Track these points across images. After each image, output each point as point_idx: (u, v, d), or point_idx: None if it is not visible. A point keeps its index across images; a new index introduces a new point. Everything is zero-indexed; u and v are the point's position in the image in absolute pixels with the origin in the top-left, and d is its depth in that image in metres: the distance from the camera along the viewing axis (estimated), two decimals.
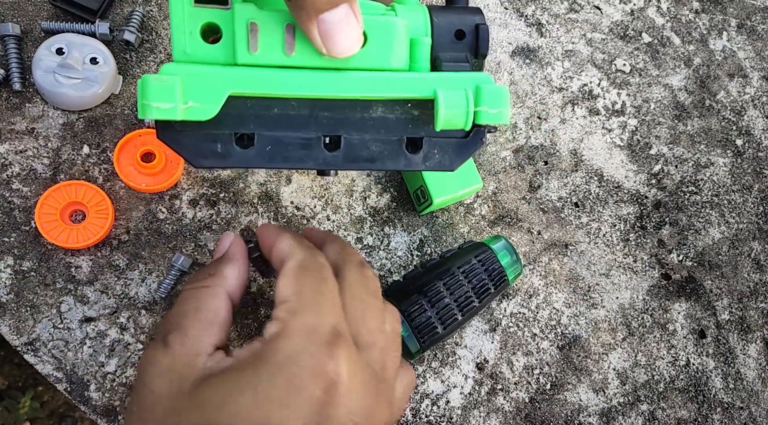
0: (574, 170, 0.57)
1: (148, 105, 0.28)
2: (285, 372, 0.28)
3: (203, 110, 0.30)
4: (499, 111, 0.32)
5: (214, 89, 0.30)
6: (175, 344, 0.31)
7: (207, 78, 0.30)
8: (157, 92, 0.28)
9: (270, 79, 0.31)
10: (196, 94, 0.29)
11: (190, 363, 0.30)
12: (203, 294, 0.33)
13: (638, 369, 0.54)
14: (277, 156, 0.32)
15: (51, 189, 0.46)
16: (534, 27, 0.59)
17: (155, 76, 0.28)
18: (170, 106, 0.28)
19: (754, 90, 0.63)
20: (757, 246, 0.59)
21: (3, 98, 0.48)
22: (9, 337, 0.45)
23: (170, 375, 0.29)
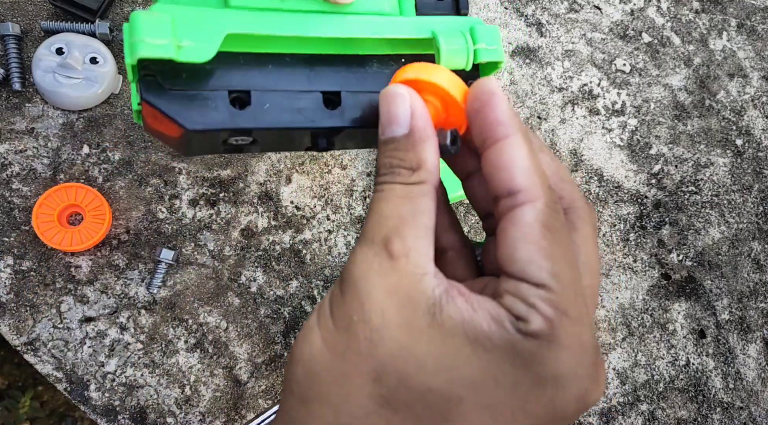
0: (574, 169, 0.57)
1: (140, 41, 0.25)
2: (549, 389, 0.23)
3: (200, 50, 0.27)
4: (496, 48, 0.31)
5: (210, 29, 0.27)
6: (401, 256, 0.24)
7: (201, 18, 0.27)
8: (150, 27, 0.25)
9: (265, 19, 0.29)
10: (191, 33, 0.27)
11: (418, 285, 0.24)
12: (416, 193, 0.26)
13: (638, 369, 0.54)
14: (275, 117, 0.29)
15: (50, 191, 0.46)
16: (534, 27, 0.59)
17: (145, 12, 0.26)
18: (165, 42, 0.25)
19: (754, 90, 0.63)
20: (757, 246, 0.59)
21: (3, 98, 0.48)
22: (9, 337, 0.45)
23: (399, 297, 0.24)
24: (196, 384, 0.47)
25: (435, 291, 0.24)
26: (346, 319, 0.24)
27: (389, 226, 0.25)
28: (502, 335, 0.23)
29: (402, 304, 0.24)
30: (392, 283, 0.24)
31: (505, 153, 0.25)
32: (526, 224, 0.24)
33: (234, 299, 0.49)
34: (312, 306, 0.50)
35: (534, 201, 0.24)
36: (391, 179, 0.26)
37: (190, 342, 0.47)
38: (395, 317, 0.24)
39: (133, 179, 0.49)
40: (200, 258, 0.49)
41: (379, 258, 0.25)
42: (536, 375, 0.23)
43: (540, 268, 0.24)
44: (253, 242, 0.50)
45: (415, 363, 0.23)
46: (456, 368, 0.23)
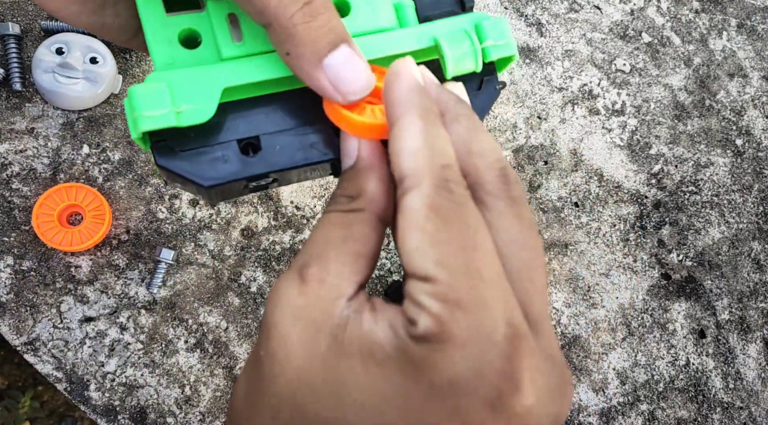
0: (574, 169, 0.57)
1: (140, 116, 0.26)
2: (448, 399, 0.20)
3: (200, 112, 0.27)
4: (506, 42, 0.30)
5: (207, 87, 0.28)
6: (313, 280, 0.23)
7: (196, 78, 0.28)
8: (148, 100, 0.26)
9: (261, 64, 0.29)
10: (188, 96, 0.27)
11: (327, 309, 0.22)
12: (350, 220, 0.25)
13: (638, 369, 0.54)
14: (288, 157, 0.29)
15: (50, 191, 0.46)
16: (534, 27, 0.59)
17: (141, 85, 0.26)
18: (164, 111, 0.26)
19: (754, 90, 0.63)
20: (757, 246, 0.59)
21: (3, 98, 0.48)
22: (9, 337, 0.45)
23: (304, 322, 0.22)
24: (196, 384, 0.47)
25: (343, 312, 0.22)
26: (255, 355, 0.23)
27: (311, 252, 0.24)
28: (394, 342, 0.21)
29: (306, 330, 0.22)
30: (299, 307, 0.23)
31: (395, 137, 0.24)
32: (410, 210, 0.22)
33: (234, 299, 0.49)
34: None
35: (419, 185, 0.22)
36: (331, 207, 0.26)
37: (190, 342, 0.47)
38: (298, 345, 0.22)
39: (133, 178, 0.49)
40: (200, 258, 0.49)
41: (292, 283, 0.23)
42: (430, 384, 0.20)
43: (425, 257, 0.21)
44: (253, 242, 0.50)
45: (310, 392, 0.21)
46: (345, 390, 0.21)
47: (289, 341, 0.22)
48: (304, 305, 0.23)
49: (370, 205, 0.25)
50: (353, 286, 0.23)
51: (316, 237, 0.25)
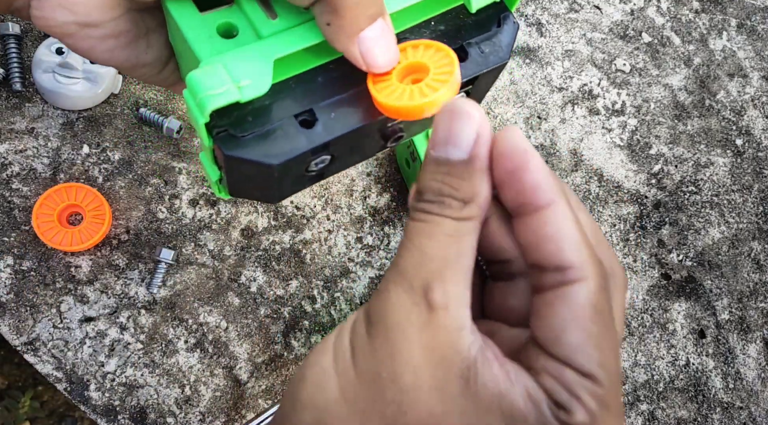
0: (574, 169, 0.57)
1: (206, 96, 0.27)
2: None
3: (258, 85, 0.28)
4: None
5: (259, 61, 0.28)
6: (440, 308, 0.22)
7: (246, 56, 0.28)
8: (209, 80, 0.27)
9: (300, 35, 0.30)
10: (244, 73, 0.28)
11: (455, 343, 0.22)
12: (463, 231, 0.23)
13: (638, 369, 0.54)
14: (345, 122, 0.29)
15: (50, 191, 0.46)
16: (534, 27, 0.59)
17: (197, 70, 0.27)
18: (227, 87, 0.27)
19: (754, 90, 0.63)
20: (757, 246, 0.59)
21: (3, 98, 0.48)
22: (9, 337, 0.45)
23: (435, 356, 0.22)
24: (196, 384, 0.47)
25: (470, 351, 0.22)
26: (372, 372, 0.22)
27: (431, 269, 0.23)
28: (539, 419, 0.21)
29: (436, 364, 0.22)
30: (428, 339, 0.22)
31: (550, 224, 0.23)
32: (577, 306, 0.22)
33: (234, 299, 0.49)
34: (312, 306, 0.50)
35: (585, 280, 0.22)
36: (439, 210, 0.23)
37: (190, 342, 0.47)
38: (429, 379, 0.22)
39: (133, 178, 0.49)
40: (200, 258, 0.49)
41: (419, 309, 0.22)
42: None
43: (589, 357, 0.22)
44: (253, 242, 0.50)
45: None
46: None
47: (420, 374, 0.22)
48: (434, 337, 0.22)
49: (481, 214, 0.24)
50: (469, 313, 0.23)
51: (431, 250, 0.23)
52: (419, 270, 0.23)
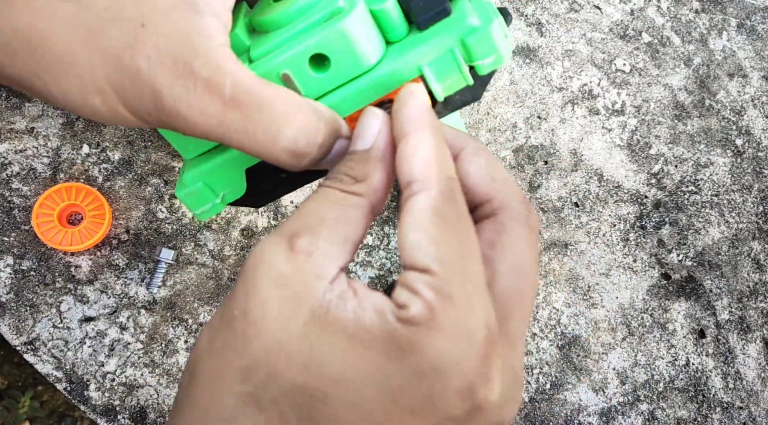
0: (574, 169, 0.57)
1: (196, 214, 0.33)
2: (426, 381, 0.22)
3: (234, 192, 0.33)
4: (496, 57, 0.29)
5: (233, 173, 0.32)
6: (302, 252, 0.24)
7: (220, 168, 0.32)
8: (194, 203, 0.32)
9: None
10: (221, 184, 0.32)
11: (310, 284, 0.23)
12: (349, 202, 0.26)
13: (638, 369, 0.54)
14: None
15: (49, 191, 0.46)
16: (534, 26, 0.59)
17: (185, 193, 0.32)
18: (210, 205, 0.32)
19: (754, 90, 0.63)
20: (757, 246, 0.59)
21: (3, 97, 0.48)
22: (9, 337, 0.45)
23: (285, 291, 0.23)
24: None
25: (326, 295, 0.23)
26: (229, 312, 0.24)
27: (304, 223, 0.25)
28: (382, 325, 0.22)
29: (287, 299, 0.23)
30: (282, 274, 0.23)
31: (408, 146, 0.25)
32: (416, 210, 0.24)
33: None
34: None
35: (428, 190, 0.24)
36: (331, 183, 0.26)
37: (190, 342, 0.47)
38: (276, 310, 0.23)
39: (133, 178, 0.49)
40: (200, 258, 0.49)
41: (279, 248, 0.24)
42: (411, 366, 0.22)
43: (425, 253, 0.23)
44: (254, 241, 0.50)
45: (286, 359, 0.22)
46: (326, 364, 0.22)
47: (268, 306, 0.23)
48: (288, 274, 0.23)
49: (370, 193, 0.26)
50: (336, 269, 0.24)
51: (311, 209, 0.25)
52: (293, 221, 0.25)
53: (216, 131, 0.26)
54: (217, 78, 0.25)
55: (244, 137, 0.26)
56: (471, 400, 0.22)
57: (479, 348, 0.23)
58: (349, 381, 0.22)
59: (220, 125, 0.26)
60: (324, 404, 0.22)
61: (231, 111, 0.26)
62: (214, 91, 0.25)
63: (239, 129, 0.26)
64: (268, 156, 0.27)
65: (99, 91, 0.26)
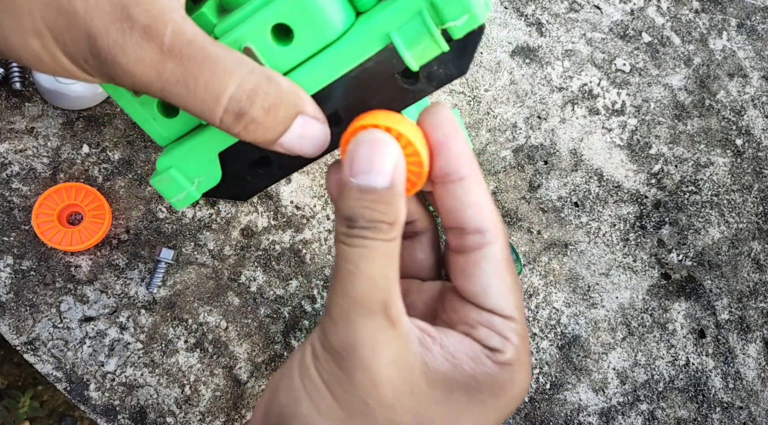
0: (574, 169, 0.57)
1: (172, 202, 0.32)
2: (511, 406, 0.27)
3: (210, 178, 0.31)
4: (469, 16, 0.26)
5: (206, 157, 0.31)
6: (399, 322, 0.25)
7: (194, 151, 0.31)
8: (168, 191, 0.31)
9: None
10: (196, 170, 0.31)
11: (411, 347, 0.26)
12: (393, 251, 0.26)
13: (638, 369, 0.54)
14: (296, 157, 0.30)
15: (49, 190, 0.46)
16: (534, 26, 0.59)
17: (157, 179, 0.31)
18: (184, 193, 0.31)
19: (754, 90, 0.63)
20: (757, 246, 0.59)
21: (3, 97, 0.48)
22: (9, 336, 0.45)
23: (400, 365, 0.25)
24: (196, 384, 0.47)
25: (418, 348, 0.26)
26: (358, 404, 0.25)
27: (383, 289, 0.25)
28: (484, 371, 0.26)
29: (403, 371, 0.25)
30: (396, 353, 0.25)
31: (472, 192, 0.27)
32: (497, 262, 0.27)
33: (234, 298, 0.49)
34: (312, 306, 0.50)
35: (499, 240, 0.27)
36: (373, 234, 0.26)
37: (189, 342, 0.47)
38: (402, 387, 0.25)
39: (133, 178, 0.49)
40: (200, 258, 0.49)
41: (384, 330, 0.25)
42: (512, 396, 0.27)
43: (509, 303, 0.27)
44: (253, 241, 0.50)
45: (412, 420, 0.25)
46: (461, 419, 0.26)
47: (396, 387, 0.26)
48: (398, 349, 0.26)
49: (401, 232, 0.27)
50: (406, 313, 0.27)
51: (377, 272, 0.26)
52: (374, 294, 0.25)
53: (155, 84, 0.25)
54: (156, 25, 0.24)
55: (184, 91, 0.25)
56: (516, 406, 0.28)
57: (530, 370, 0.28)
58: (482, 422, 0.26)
59: (158, 76, 0.24)
60: None
61: (170, 61, 0.24)
62: (151, 38, 0.24)
63: (179, 81, 0.24)
64: (211, 116, 0.26)
65: (37, 34, 0.24)
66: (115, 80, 0.25)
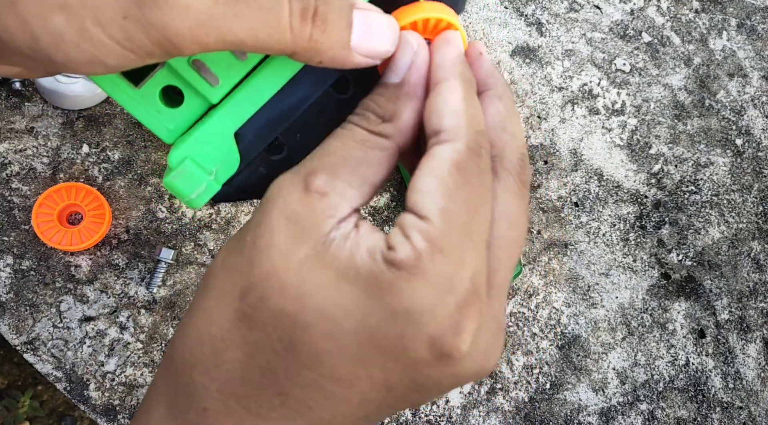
0: (574, 169, 0.57)
1: (190, 200, 0.29)
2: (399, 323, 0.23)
3: (229, 165, 0.29)
4: None
5: (221, 141, 0.29)
6: (317, 192, 0.24)
7: (207, 138, 0.29)
8: (186, 186, 0.29)
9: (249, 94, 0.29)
10: (212, 159, 0.29)
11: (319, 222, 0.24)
12: (374, 143, 0.25)
13: (638, 369, 0.54)
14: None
15: (49, 190, 0.46)
16: (534, 26, 0.59)
17: (173, 176, 0.28)
18: (203, 186, 0.29)
19: (754, 90, 0.63)
20: (757, 246, 0.59)
21: (3, 97, 0.48)
22: (8, 336, 0.45)
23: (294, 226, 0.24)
24: None
25: (331, 233, 0.24)
26: (242, 237, 0.25)
27: (324, 162, 0.25)
28: (368, 265, 0.23)
29: (294, 233, 0.24)
30: (294, 212, 0.24)
31: (439, 96, 0.25)
32: (437, 158, 0.24)
33: None
34: None
35: (454, 141, 0.24)
36: (357, 120, 0.26)
37: None
38: (281, 242, 0.24)
39: (132, 178, 0.49)
40: (200, 258, 0.49)
41: (293, 187, 0.24)
42: (388, 306, 0.23)
43: (432, 201, 0.23)
44: None
45: (279, 286, 0.24)
46: (312, 295, 0.23)
47: (275, 237, 0.24)
48: (300, 211, 0.24)
49: (397, 134, 0.26)
50: (349, 209, 0.25)
51: (334, 149, 0.25)
52: (313, 160, 0.25)
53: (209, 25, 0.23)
54: None
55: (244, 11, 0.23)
56: (439, 348, 0.23)
57: (457, 299, 0.23)
58: (329, 313, 0.23)
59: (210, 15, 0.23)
60: (304, 332, 0.23)
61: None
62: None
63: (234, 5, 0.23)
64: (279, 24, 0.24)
65: (61, 7, 0.22)
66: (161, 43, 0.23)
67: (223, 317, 0.25)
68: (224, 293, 0.25)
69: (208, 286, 0.26)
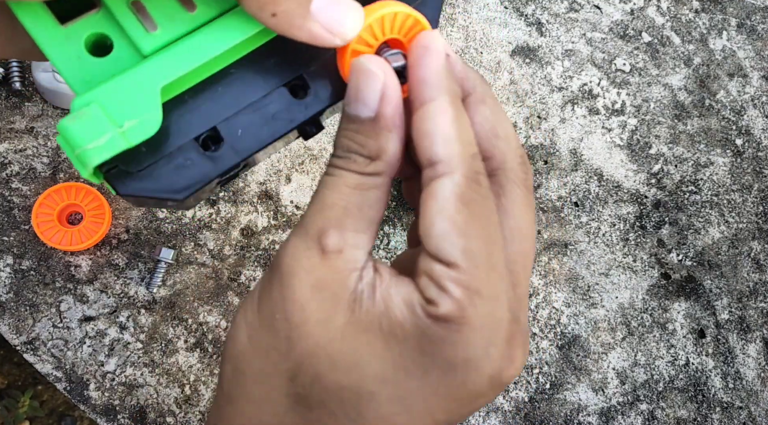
0: (574, 169, 0.57)
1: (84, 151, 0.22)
2: (460, 372, 0.23)
3: (146, 123, 0.24)
4: None
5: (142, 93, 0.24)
6: (333, 251, 0.23)
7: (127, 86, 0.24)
8: (85, 131, 0.23)
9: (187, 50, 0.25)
10: (127, 111, 0.24)
11: (345, 281, 0.23)
12: (368, 185, 0.24)
13: (638, 369, 0.54)
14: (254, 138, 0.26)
15: (49, 190, 0.46)
16: (534, 26, 0.59)
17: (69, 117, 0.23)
18: (108, 136, 0.23)
19: (754, 90, 0.63)
20: (757, 246, 0.59)
21: (2, 97, 0.48)
22: (8, 336, 0.45)
23: (324, 294, 0.23)
24: (195, 384, 0.47)
25: (358, 286, 0.23)
26: (270, 316, 0.24)
27: (329, 217, 0.24)
28: (413, 321, 0.23)
29: (325, 301, 0.23)
30: (319, 279, 0.23)
31: (428, 119, 0.24)
32: (442, 198, 0.23)
33: (234, 298, 0.49)
34: None
35: (452, 173, 0.23)
36: (344, 164, 0.25)
37: (189, 342, 0.47)
38: (315, 314, 0.23)
39: None
40: (200, 257, 0.49)
41: (310, 253, 0.24)
42: (446, 360, 0.23)
43: (453, 245, 0.23)
44: (253, 241, 0.50)
45: (329, 361, 0.23)
46: (367, 364, 0.23)
47: (307, 311, 0.23)
48: (324, 277, 0.24)
49: (388, 169, 0.25)
50: (365, 256, 0.24)
51: (333, 201, 0.24)
52: (316, 218, 0.24)
53: None
54: None
55: None
56: (498, 381, 0.24)
57: (505, 335, 0.23)
58: (391, 378, 0.23)
59: None
60: (370, 401, 0.23)
61: None
62: None
63: None
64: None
65: None
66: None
67: (276, 402, 0.24)
68: (268, 377, 0.24)
69: (242, 372, 0.25)
